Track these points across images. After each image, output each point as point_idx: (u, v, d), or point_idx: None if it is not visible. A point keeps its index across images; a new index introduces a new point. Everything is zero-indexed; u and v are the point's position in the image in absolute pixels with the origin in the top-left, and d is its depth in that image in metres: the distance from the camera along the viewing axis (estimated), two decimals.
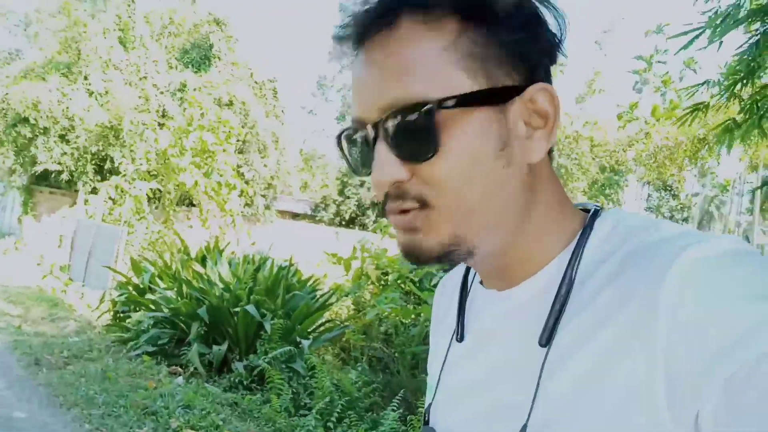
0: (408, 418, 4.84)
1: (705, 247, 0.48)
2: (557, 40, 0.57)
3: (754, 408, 0.42)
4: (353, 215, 23.69)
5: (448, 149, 0.52)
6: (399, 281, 7.83)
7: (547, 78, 0.57)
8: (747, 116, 2.86)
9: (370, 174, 0.56)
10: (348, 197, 23.63)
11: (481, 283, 0.66)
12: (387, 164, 0.53)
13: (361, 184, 23.29)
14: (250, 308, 5.65)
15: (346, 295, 7.66)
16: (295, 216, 24.05)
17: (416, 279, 7.90)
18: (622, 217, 0.57)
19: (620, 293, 0.50)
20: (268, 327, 5.54)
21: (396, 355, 6.78)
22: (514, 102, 0.54)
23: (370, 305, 7.18)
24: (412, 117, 0.51)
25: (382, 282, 7.91)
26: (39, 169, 15.66)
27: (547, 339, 0.53)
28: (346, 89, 29.49)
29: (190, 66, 18.07)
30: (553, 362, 0.53)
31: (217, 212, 14.95)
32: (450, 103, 0.51)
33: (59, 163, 15.61)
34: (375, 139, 0.54)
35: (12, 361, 5.81)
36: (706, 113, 3.28)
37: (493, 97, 0.53)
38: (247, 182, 17.16)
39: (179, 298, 6.24)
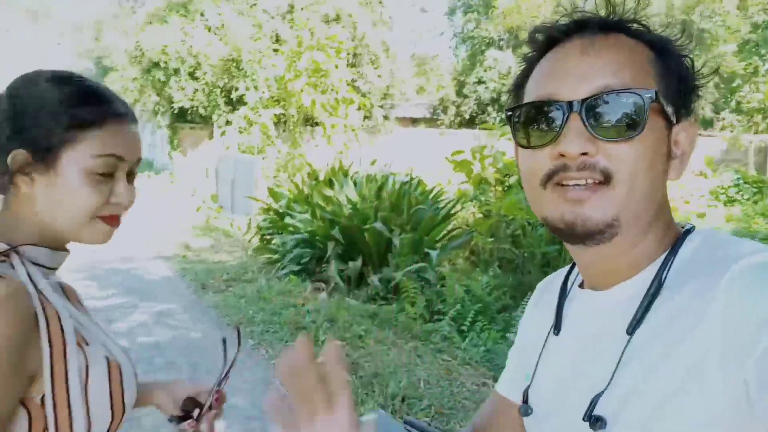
0: None
1: (761, 255, 0.59)
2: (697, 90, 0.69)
3: None
4: (473, 114, 23.15)
5: (645, 135, 0.62)
6: (521, 182, 7.73)
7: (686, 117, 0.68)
8: None
9: (544, 146, 0.65)
10: (466, 96, 23.01)
11: (580, 286, 0.77)
12: (580, 137, 0.62)
13: (479, 82, 22.51)
14: (378, 225, 5.97)
15: (469, 201, 7.75)
16: (415, 121, 24.03)
17: None
18: (711, 234, 0.67)
19: (692, 292, 0.60)
20: (396, 241, 5.85)
21: (525, 255, 6.86)
22: (673, 128, 0.66)
23: (495, 208, 7.23)
24: (629, 99, 0.62)
25: (505, 184, 7.86)
26: (176, 107, 16.98)
27: (633, 328, 0.64)
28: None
29: None
30: (633, 347, 0.63)
31: (339, 129, 15.41)
32: (661, 99, 0.63)
33: (192, 100, 16.79)
34: (568, 115, 0.63)
35: (183, 287, 6.72)
36: None
37: (669, 112, 0.64)
38: (363, 95, 17.34)
39: (314, 221, 6.73)
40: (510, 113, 0.70)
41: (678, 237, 0.68)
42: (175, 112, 17.48)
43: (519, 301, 5.29)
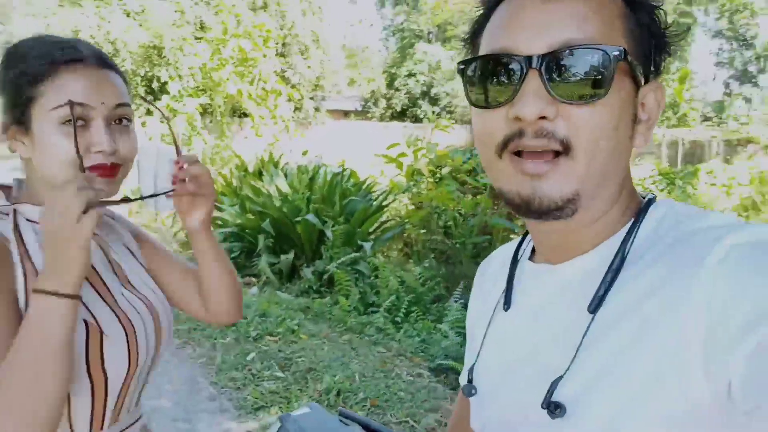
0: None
1: (746, 233, 0.52)
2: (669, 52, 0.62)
3: None
4: (404, 107, 23.29)
5: (610, 98, 0.55)
6: (453, 173, 7.82)
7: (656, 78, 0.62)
8: None
9: (499, 105, 0.58)
10: (397, 89, 23.12)
11: (530, 259, 0.71)
12: (537, 98, 0.55)
13: (410, 75, 22.65)
14: (310, 217, 5.84)
15: (403, 192, 7.75)
16: (346, 114, 23.92)
17: (470, 169, 7.86)
18: (674, 205, 0.62)
19: (666, 271, 0.54)
20: (329, 233, 5.75)
21: (457, 245, 6.93)
22: (643, 90, 0.60)
23: (427, 199, 7.26)
24: (594, 57, 0.54)
25: (437, 176, 7.91)
26: None
27: (595, 306, 0.57)
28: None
29: None
30: (598, 328, 0.57)
31: (268, 120, 15.07)
32: (629, 58, 0.56)
33: None
34: (525, 72, 0.55)
35: None
36: None
37: (638, 72, 0.58)
38: (293, 86, 17.05)
39: (243, 213, 6.51)
40: (462, 67, 0.62)
41: (640, 207, 0.63)
42: None
43: (452, 291, 5.33)
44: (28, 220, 0.91)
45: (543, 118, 0.55)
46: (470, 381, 0.74)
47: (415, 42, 23.40)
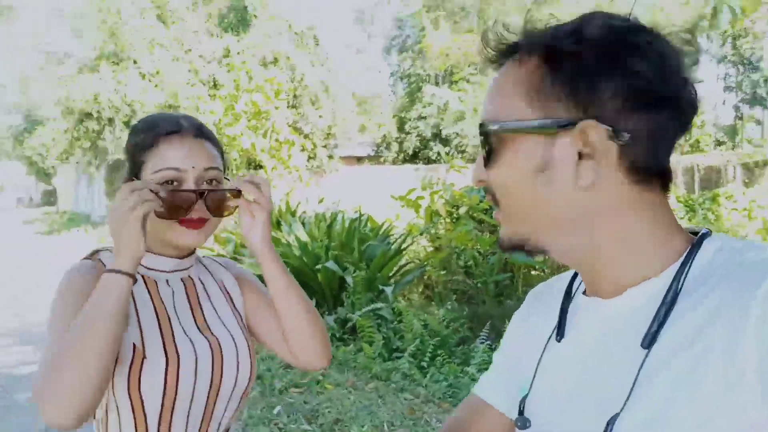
0: (496, 345, 4.93)
1: None
2: (648, 82, 0.59)
3: None
4: (416, 150, 23.51)
5: (499, 162, 0.65)
6: (471, 213, 7.81)
7: (617, 117, 0.60)
8: None
9: None
10: (408, 132, 23.40)
11: (584, 293, 0.72)
12: (478, 165, 0.69)
13: (419, 118, 22.95)
14: (330, 264, 5.83)
15: (420, 234, 7.74)
16: (359, 159, 24.19)
17: (486, 208, 7.85)
18: (728, 239, 0.63)
19: (719, 302, 0.55)
20: (350, 280, 5.72)
21: (479, 285, 6.86)
22: (565, 134, 0.61)
23: (446, 240, 7.23)
24: (482, 132, 0.66)
25: (454, 216, 7.91)
26: (111, 158, 16.47)
27: (649, 342, 0.58)
28: (391, 21, 28.61)
29: (229, 30, 18.09)
30: (653, 364, 0.57)
31: (282, 171, 15.27)
32: (507, 126, 0.64)
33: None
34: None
35: None
36: None
37: (541, 128, 0.62)
38: (306, 136, 17.33)
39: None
40: None
41: (692, 242, 0.64)
42: (110, 163, 16.94)
43: (476, 332, 5.24)
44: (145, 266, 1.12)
45: (482, 181, 0.69)
46: (521, 413, 0.74)
47: (423, 85, 23.80)
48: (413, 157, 23.45)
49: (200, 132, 1.11)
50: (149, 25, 16.28)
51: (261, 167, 15.49)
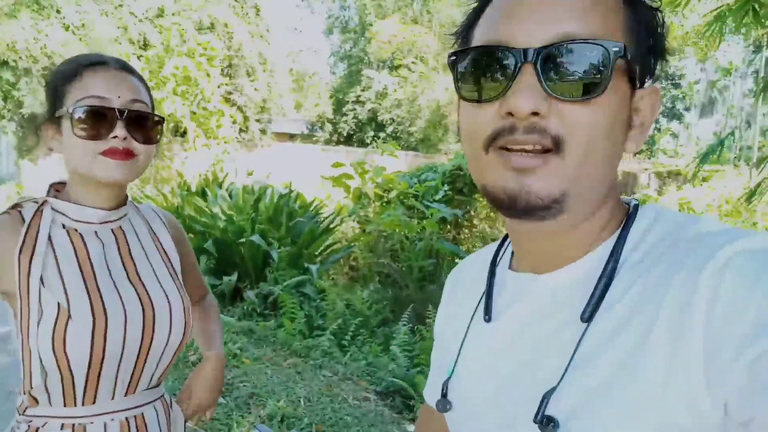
0: (417, 328, 5.01)
1: (749, 241, 0.50)
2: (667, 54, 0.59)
3: None
4: (351, 132, 23.39)
5: (607, 98, 0.53)
6: (401, 198, 7.86)
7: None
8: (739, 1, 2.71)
9: (491, 100, 0.55)
10: (344, 114, 23.23)
11: (510, 268, 0.68)
12: (532, 93, 0.52)
13: (357, 100, 22.81)
14: (255, 238, 5.71)
15: (349, 216, 7.72)
16: (292, 137, 23.79)
17: (418, 194, 7.93)
18: (662, 210, 0.60)
19: (662, 278, 0.52)
20: (275, 255, 5.63)
21: (403, 269, 6.93)
22: (636, 93, 0.57)
23: (374, 223, 7.26)
24: (593, 52, 0.52)
25: (384, 200, 7.94)
26: (26, 112, 15.36)
27: (589, 315, 0.55)
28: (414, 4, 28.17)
29: None
30: (592, 337, 0.54)
31: (211, 141, 14.78)
32: (629, 55, 0.53)
33: (45, 104, 15.30)
34: (520, 66, 0.53)
35: None
36: None
37: (635, 74, 0.55)
38: (239, 108, 16.83)
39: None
40: (453, 58, 0.59)
41: (627, 213, 0.61)
42: (25, 116, 15.79)
43: (398, 315, 5.30)
44: (53, 209, 1.05)
45: (535, 114, 0.52)
46: (444, 395, 0.70)
47: (362, 68, 23.67)
48: (347, 140, 23.33)
49: (126, 67, 1.06)
50: None
51: (184, 134, 14.92)
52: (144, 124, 1.04)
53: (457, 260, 8.22)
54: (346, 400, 3.81)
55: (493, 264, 0.71)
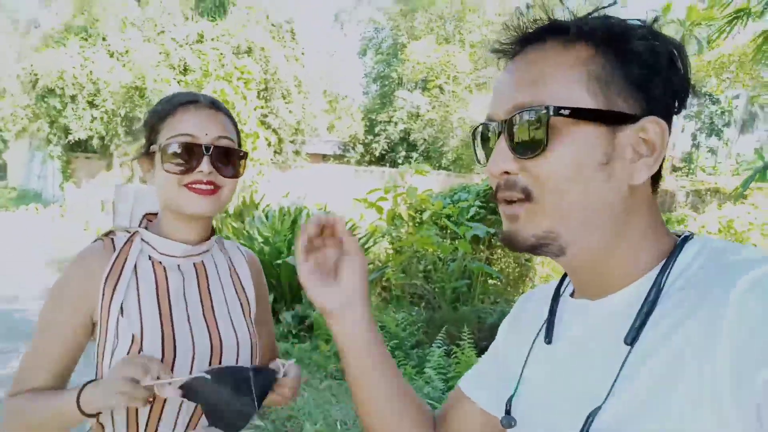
0: (451, 350, 5.00)
1: None
2: (688, 84, 0.64)
3: None
4: (383, 152, 23.56)
5: (555, 150, 0.61)
6: (434, 218, 7.88)
7: (667, 114, 0.64)
8: None
9: (486, 164, 0.68)
10: (377, 135, 23.43)
11: (571, 296, 0.74)
12: (501, 157, 0.65)
13: (389, 121, 23.01)
14: (291, 259, 5.80)
15: (382, 236, 7.77)
16: (325, 158, 24.08)
17: (451, 215, 7.94)
18: (709, 241, 0.64)
19: (697, 301, 0.57)
20: None
21: (436, 290, 6.92)
22: (626, 128, 0.62)
23: (407, 244, 7.28)
24: (530, 117, 0.62)
25: (417, 220, 7.97)
26: (73, 137, 15.95)
27: (632, 339, 0.60)
28: (366, 23, 28.59)
29: (206, 15, 17.79)
30: (634, 359, 0.59)
31: (247, 163, 15.08)
32: (564, 111, 0.60)
33: (89, 129, 15.85)
34: (499, 134, 0.65)
35: None
36: (746, 21, 3.11)
37: (605, 119, 0.61)
38: (274, 130, 17.16)
39: None
40: (472, 132, 0.73)
41: (675, 245, 0.66)
42: (71, 141, 16.39)
43: (432, 336, 5.29)
44: (143, 240, 1.12)
45: (507, 173, 0.65)
46: (508, 412, 0.75)
47: (396, 89, 23.88)
48: (379, 160, 23.49)
49: (215, 104, 1.13)
50: (123, 2, 15.87)
51: None
52: (229, 159, 1.10)
53: (490, 281, 8.17)
54: None
55: (557, 292, 0.78)
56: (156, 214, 1.18)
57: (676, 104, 0.65)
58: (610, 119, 0.61)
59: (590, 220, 0.63)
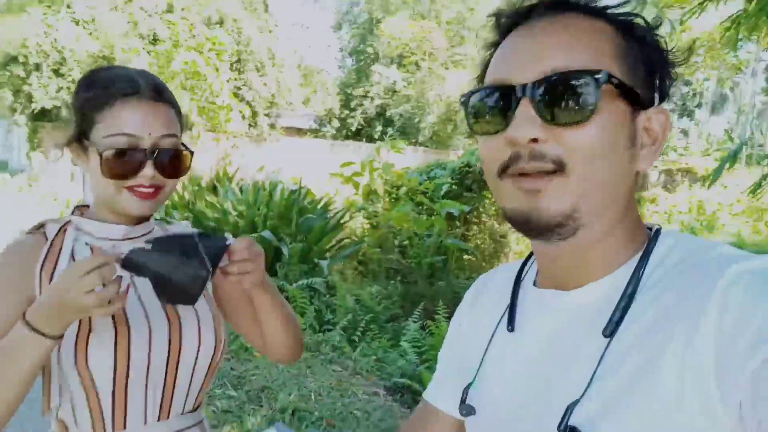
0: (426, 324, 5.05)
1: (754, 261, 0.54)
2: (676, 77, 0.63)
3: None
4: (359, 127, 23.40)
5: (599, 120, 0.57)
6: (410, 194, 7.89)
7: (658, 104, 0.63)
8: (759, 5, 2.71)
9: (497, 132, 0.62)
10: (353, 109, 23.23)
11: (534, 284, 0.72)
12: (529, 122, 0.58)
13: (365, 96, 22.82)
14: (266, 234, 5.76)
15: (358, 211, 7.76)
16: (300, 132, 23.82)
17: (427, 191, 7.95)
18: (681, 236, 0.64)
19: (679, 296, 0.56)
20: (285, 251, 5.67)
21: (412, 265, 6.97)
22: (641, 113, 0.61)
23: (384, 219, 7.28)
24: (578, 81, 0.57)
25: (393, 196, 7.97)
26: (38, 106, 15.47)
27: (611, 331, 0.59)
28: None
29: None
30: (614, 352, 0.58)
31: (220, 135, 14.85)
32: (614, 80, 0.57)
33: (55, 99, 15.38)
34: (518, 100, 0.59)
35: None
36: (717, 3, 3.12)
37: (634, 98, 0.59)
38: (248, 103, 16.87)
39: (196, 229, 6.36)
40: (465, 99, 0.66)
41: (648, 237, 0.65)
42: (36, 111, 15.89)
43: (408, 310, 5.34)
44: (77, 228, 1.05)
45: (535, 141, 0.58)
46: (464, 401, 0.74)
47: (372, 64, 23.64)
48: (356, 135, 23.34)
49: (159, 95, 1.02)
50: None
51: (192, 129, 14.98)
52: (173, 160, 1.02)
53: (465, 257, 8.24)
54: (356, 394, 3.86)
55: (518, 278, 0.75)
56: (87, 206, 1.10)
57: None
58: (637, 100, 0.59)
59: (608, 202, 0.60)
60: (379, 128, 22.56)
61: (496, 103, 0.62)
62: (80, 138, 1.02)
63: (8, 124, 17.97)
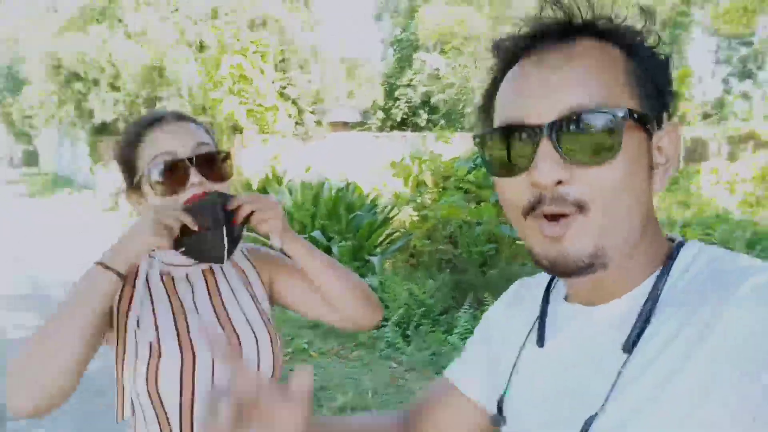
0: (477, 315, 5.03)
1: None
2: (674, 95, 0.63)
3: None
4: (404, 117, 23.34)
5: (622, 156, 0.57)
6: (457, 183, 7.83)
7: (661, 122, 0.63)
8: None
9: (515, 174, 0.61)
10: (397, 99, 23.19)
11: (565, 299, 0.72)
12: (553, 164, 0.57)
13: (409, 85, 22.71)
14: (316, 234, 5.87)
15: (407, 204, 7.77)
16: (346, 125, 23.97)
17: (474, 180, 7.88)
18: (703, 248, 0.64)
19: (696, 310, 0.57)
20: (335, 249, 5.77)
21: (463, 255, 6.92)
22: (655, 134, 0.61)
23: (432, 210, 7.27)
24: (599, 121, 0.56)
25: (441, 186, 7.93)
26: (97, 120, 16.17)
27: (630, 347, 0.59)
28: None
29: None
30: (632, 367, 0.59)
31: (266, 136, 15.12)
32: (635, 115, 0.58)
33: (114, 112, 16.03)
34: (537, 141, 0.58)
35: None
36: None
37: (649, 122, 0.60)
38: (293, 101, 17.09)
39: (248, 232, 6.53)
40: (479, 140, 0.65)
41: (670, 250, 0.65)
42: (95, 125, 16.63)
43: (460, 302, 5.32)
44: (149, 255, 1.12)
45: (559, 182, 0.57)
46: (500, 411, 0.75)
47: (414, 52, 23.49)
48: (401, 125, 23.29)
49: (181, 116, 1.12)
50: None
51: (242, 132, 15.32)
52: (215, 164, 1.10)
53: (517, 242, 8.12)
54: (412, 391, 3.90)
55: (548, 292, 0.76)
56: None
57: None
58: (649, 123, 0.60)
59: (634, 230, 0.60)
60: (425, 116, 22.44)
61: (514, 144, 0.60)
62: (131, 182, 1.11)
63: (70, 140, 18.85)
